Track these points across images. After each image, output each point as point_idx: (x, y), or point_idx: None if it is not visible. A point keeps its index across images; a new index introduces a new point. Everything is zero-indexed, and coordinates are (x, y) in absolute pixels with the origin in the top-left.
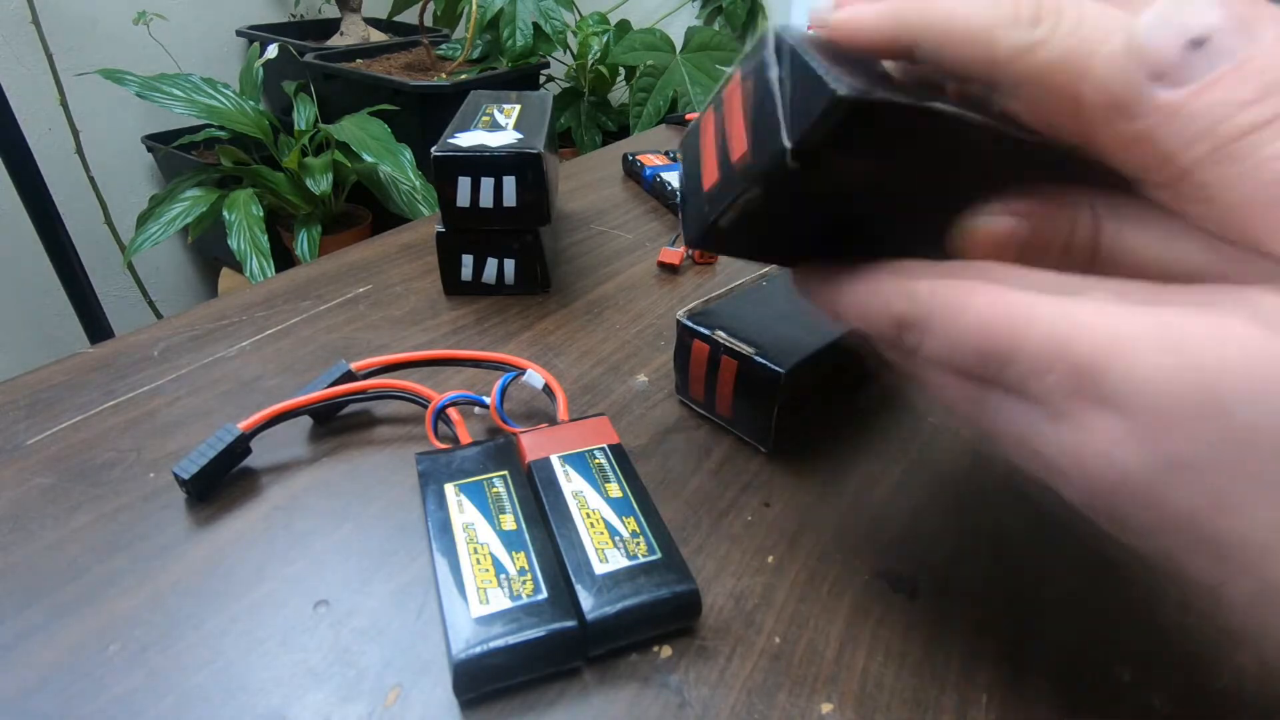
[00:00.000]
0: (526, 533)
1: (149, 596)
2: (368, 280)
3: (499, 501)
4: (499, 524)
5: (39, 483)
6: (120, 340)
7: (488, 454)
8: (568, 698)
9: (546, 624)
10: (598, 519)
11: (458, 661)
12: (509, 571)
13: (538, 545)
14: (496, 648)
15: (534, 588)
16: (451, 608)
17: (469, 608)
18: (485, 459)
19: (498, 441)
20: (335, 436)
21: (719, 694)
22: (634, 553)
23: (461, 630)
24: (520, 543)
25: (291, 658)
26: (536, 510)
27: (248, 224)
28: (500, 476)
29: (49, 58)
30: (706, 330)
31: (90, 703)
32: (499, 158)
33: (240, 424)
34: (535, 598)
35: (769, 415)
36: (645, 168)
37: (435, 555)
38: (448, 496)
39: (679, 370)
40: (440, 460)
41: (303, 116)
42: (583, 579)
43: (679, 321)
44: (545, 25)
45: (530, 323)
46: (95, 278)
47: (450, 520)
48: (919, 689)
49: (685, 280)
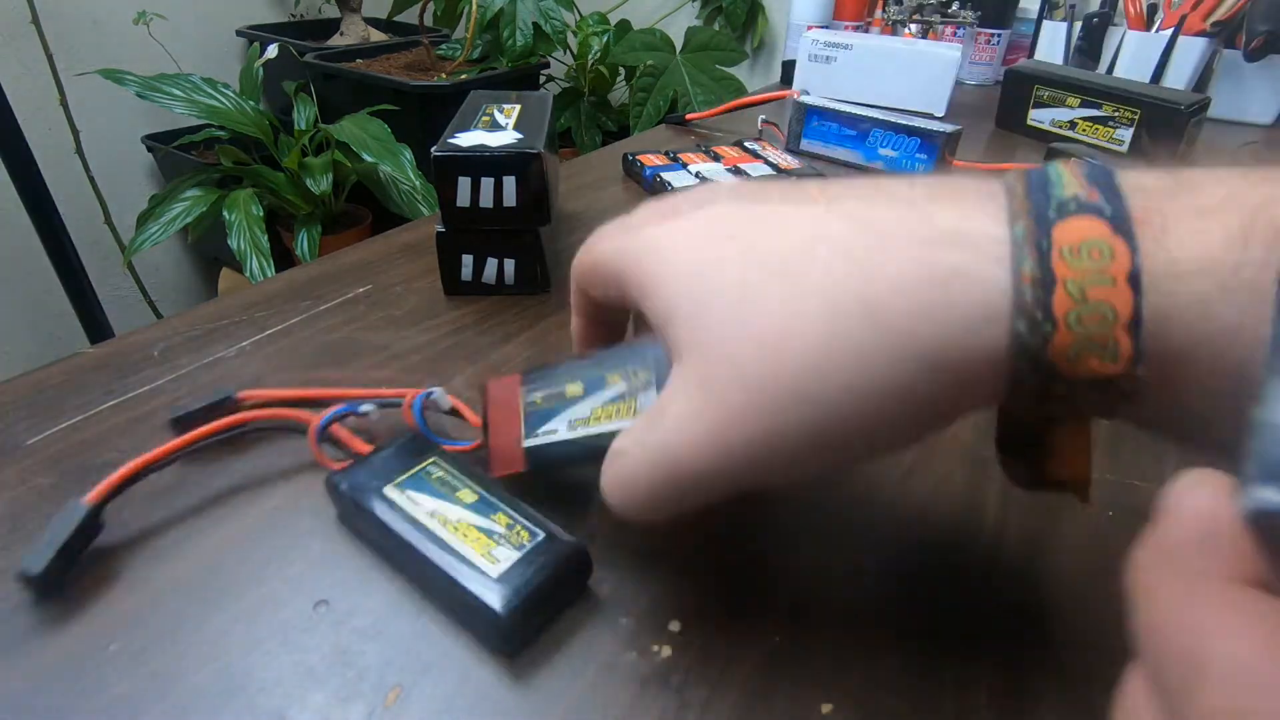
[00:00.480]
0: (491, 495)
1: (149, 596)
2: (368, 280)
3: (447, 483)
4: (461, 501)
5: (39, 483)
6: (120, 340)
7: (404, 450)
8: (568, 698)
9: (562, 553)
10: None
11: (506, 615)
12: (499, 530)
13: (509, 504)
14: (533, 589)
15: (530, 534)
16: (469, 580)
17: (485, 573)
18: (405, 455)
19: (403, 439)
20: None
21: (719, 694)
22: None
23: (492, 592)
24: (492, 506)
25: (291, 658)
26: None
27: (248, 224)
28: (432, 463)
29: (49, 58)
30: None
31: (90, 703)
32: (499, 158)
33: (85, 497)
34: (536, 540)
35: None
36: (645, 168)
37: (422, 549)
38: (395, 498)
39: None
40: (358, 473)
41: (303, 116)
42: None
43: None
44: (545, 25)
45: (530, 323)
46: (95, 278)
47: (414, 515)
48: (919, 689)
49: None
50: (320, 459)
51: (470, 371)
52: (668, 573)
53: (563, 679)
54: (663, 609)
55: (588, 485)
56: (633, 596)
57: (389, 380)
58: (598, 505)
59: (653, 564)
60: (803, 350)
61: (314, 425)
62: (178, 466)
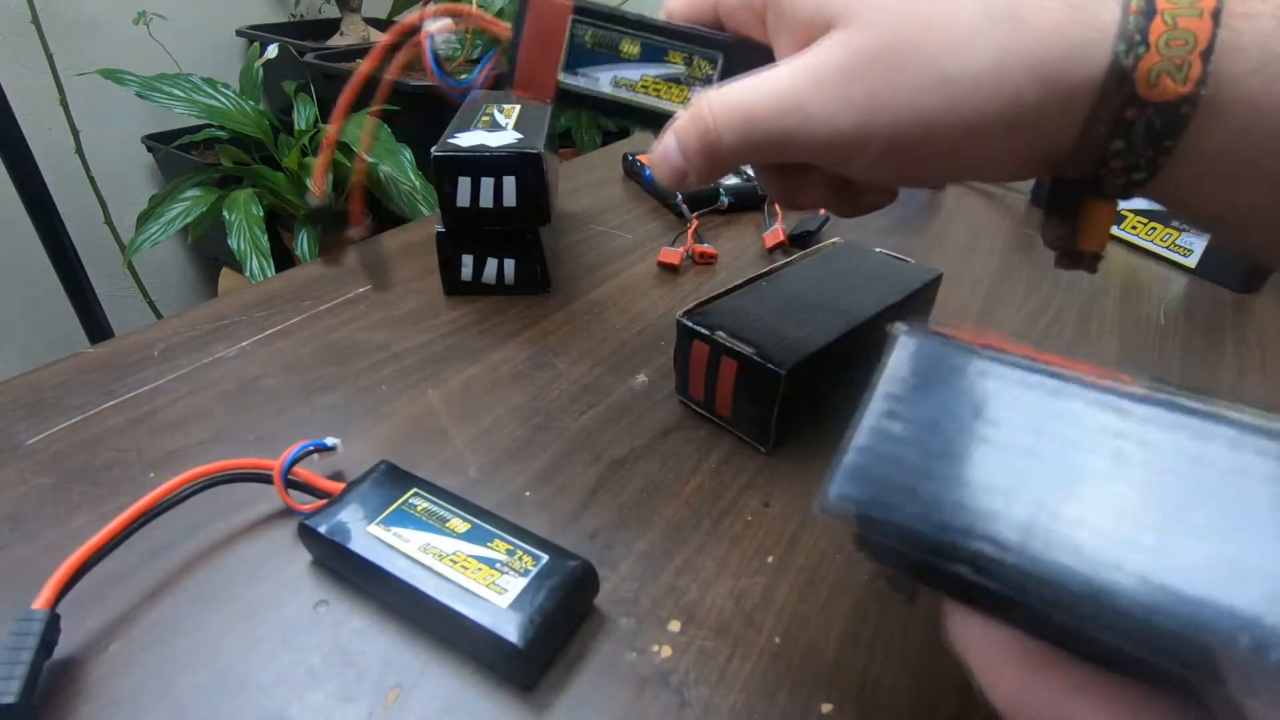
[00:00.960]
0: (485, 523)
1: (149, 596)
2: (368, 280)
3: (434, 514)
4: (453, 531)
5: (39, 483)
6: (120, 340)
7: (379, 483)
8: (568, 697)
9: (568, 576)
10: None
11: (525, 646)
12: (500, 559)
13: (505, 529)
14: (547, 615)
15: (533, 559)
16: (479, 614)
17: (494, 604)
18: (382, 489)
19: (376, 472)
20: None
21: (719, 694)
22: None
23: (506, 623)
24: (487, 534)
25: (291, 658)
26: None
27: (248, 224)
28: (414, 495)
29: (49, 58)
30: (706, 330)
31: (91, 703)
32: (499, 158)
33: (37, 602)
34: (540, 563)
35: (769, 415)
36: (645, 168)
37: (422, 587)
38: (381, 536)
39: (679, 370)
40: (333, 513)
41: (303, 116)
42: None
43: (679, 322)
44: None
45: (530, 323)
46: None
47: (404, 551)
48: (919, 689)
49: (685, 280)
50: (288, 501)
51: (470, 371)
52: (668, 573)
53: (563, 679)
54: (663, 609)
55: (584, 487)
56: (633, 596)
57: (389, 380)
58: (592, 505)
59: (653, 564)
60: (954, 32)
61: (278, 468)
62: (125, 550)
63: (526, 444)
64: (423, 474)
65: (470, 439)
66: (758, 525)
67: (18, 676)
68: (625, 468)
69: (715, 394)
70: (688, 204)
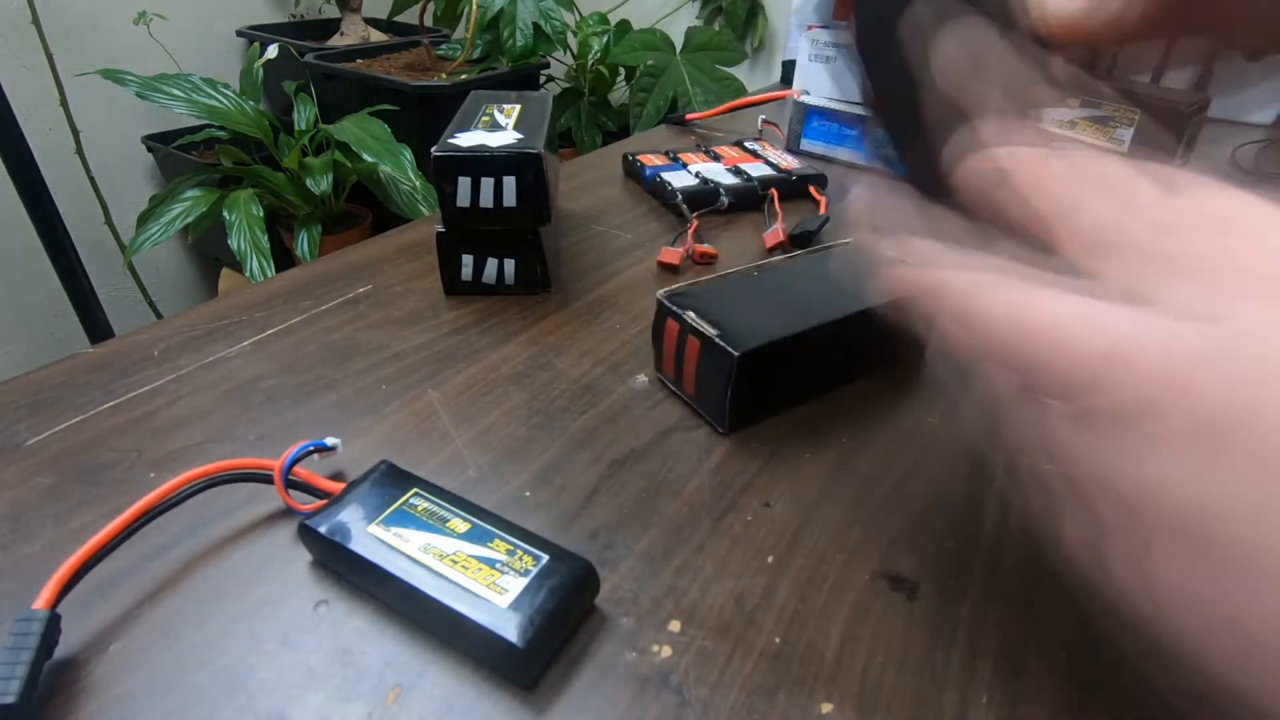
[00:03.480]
0: (485, 522)
1: (149, 596)
2: (368, 280)
3: (435, 515)
4: (453, 531)
5: (39, 483)
6: (120, 340)
7: (379, 483)
8: (567, 698)
9: (569, 576)
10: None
11: (524, 646)
12: (500, 559)
13: (505, 529)
14: (547, 615)
15: (533, 559)
16: (479, 614)
17: (494, 604)
18: (382, 488)
19: (377, 472)
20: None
21: (719, 694)
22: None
23: (506, 623)
24: (487, 534)
25: (291, 658)
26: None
27: (248, 224)
28: (414, 495)
29: (49, 58)
30: (679, 310)
31: (90, 703)
32: (499, 158)
33: (37, 603)
34: (541, 563)
35: (724, 397)
36: (645, 168)
37: (423, 586)
38: (381, 536)
39: (654, 346)
40: (333, 513)
41: (303, 116)
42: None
43: (658, 299)
44: (545, 25)
45: (530, 323)
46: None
47: (405, 551)
48: (919, 689)
49: (685, 280)
50: (289, 502)
51: (470, 371)
52: (668, 573)
53: (562, 679)
54: (663, 609)
55: (584, 487)
56: (633, 596)
57: (389, 380)
58: (592, 505)
59: (653, 564)
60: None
61: (278, 468)
62: (126, 549)
63: (526, 444)
64: (423, 474)
65: (470, 439)
66: (758, 525)
67: (18, 676)
68: (625, 468)
69: (682, 372)
70: (688, 204)
